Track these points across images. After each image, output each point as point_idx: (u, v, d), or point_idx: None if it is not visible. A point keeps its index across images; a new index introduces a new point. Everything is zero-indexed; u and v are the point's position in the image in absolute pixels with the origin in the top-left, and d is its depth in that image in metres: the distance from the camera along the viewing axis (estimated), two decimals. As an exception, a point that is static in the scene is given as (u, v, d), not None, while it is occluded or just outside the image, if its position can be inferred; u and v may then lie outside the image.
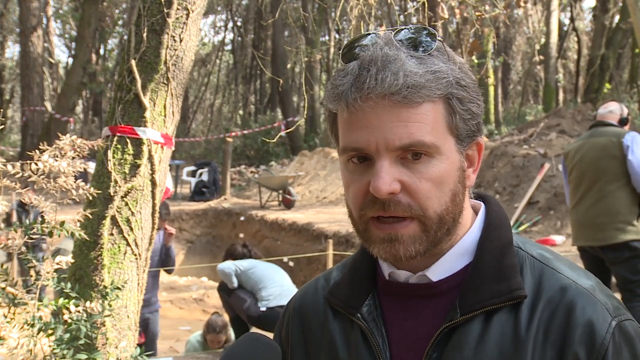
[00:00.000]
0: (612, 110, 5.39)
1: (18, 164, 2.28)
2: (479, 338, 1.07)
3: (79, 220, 2.72)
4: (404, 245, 1.07)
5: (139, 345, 2.99)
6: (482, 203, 1.21)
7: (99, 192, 2.94)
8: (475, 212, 1.19)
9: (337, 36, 29.18)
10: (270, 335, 1.30)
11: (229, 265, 6.70)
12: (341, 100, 1.06)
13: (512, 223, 11.02)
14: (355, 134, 1.06)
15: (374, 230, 1.09)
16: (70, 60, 29.54)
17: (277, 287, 6.61)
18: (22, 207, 9.35)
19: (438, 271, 1.13)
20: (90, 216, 2.98)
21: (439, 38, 1.08)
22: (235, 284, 6.70)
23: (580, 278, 1.10)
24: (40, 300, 2.41)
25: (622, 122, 5.33)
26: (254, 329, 6.81)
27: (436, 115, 1.05)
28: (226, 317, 6.92)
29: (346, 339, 1.18)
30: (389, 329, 1.15)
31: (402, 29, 1.09)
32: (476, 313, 1.07)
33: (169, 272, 6.66)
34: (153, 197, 3.22)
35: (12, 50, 39.77)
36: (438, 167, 1.06)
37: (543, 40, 26.68)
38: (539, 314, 1.06)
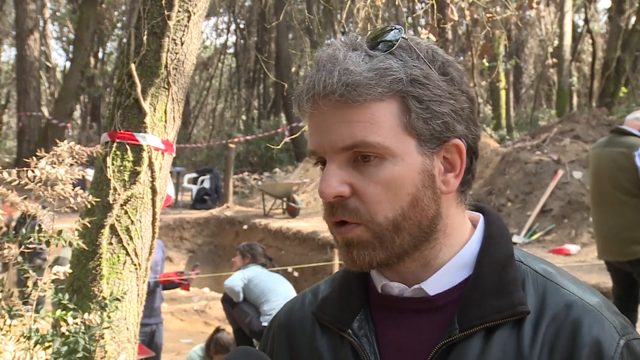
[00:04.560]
0: (638, 117, 5.29)
1: (14, 171, 2.28)
2: (479, 356, 1.04)
3: (77, 229, 2.73)
4: (357, 250, 1.07)
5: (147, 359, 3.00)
6: (480, 215, 1.18)
7: (98, 200, 2.95)
8: (474, 224, 1.17)
9: (343, 39, 29.20)
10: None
11: (237, 283, 6.72)
12: (296, 106, 1.09)
13: (524, 232, 11.00)
14: (310, 137, 1.08)
15: (336, 235, 1.09)
16: (68, 64, 29.63)
17: (281, 299, 6.61)
18: (22, 217, 9.36)
19: (435, 284, 1.11)
20: (89, 225, 2.98)
21: (404, 36, 1.06)
22: (241, 298, 6.73)
23: (586, 294, 1.08)
24: (37, 311, 2.42)
25: None
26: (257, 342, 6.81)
27: (386, 115, 1.03)
28: (228, 329, 6.92)
29: (335, 357, 1.16)
30: (382, 345, 1.13)
31: (379, 31, 1.09)
32: (476, 329, 1.05)
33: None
34: (153, 205, 3.23)
35: (8, 53, 39.92)
36: (390, 169, 1.04)
37: (556, 42, 26.64)
38: (543, 331, 1.04)
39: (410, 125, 1.04)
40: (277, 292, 6.69)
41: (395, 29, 1.07)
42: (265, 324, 6.50)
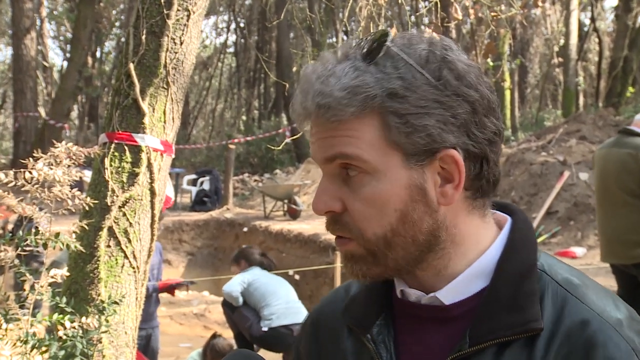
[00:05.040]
0: None
1: (11, 172, 2.28)
2: None
3: (74, 232, 2.73)
4: (352, 264, 1.09)
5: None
6: (508, 217, 1.15)
7: (96, 202, 2.95)
8: (501, 226, 1.13)
9: (345, 38, 29.23)
10: (274, 355, 1.31)
11: (235, 289, 6.71)
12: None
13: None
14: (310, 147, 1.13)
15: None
16: (65, 63, 29.60)
17: (282, 303, 6.60)
18: (19, 220, 9.37)
19: (450, 294, 1.08)
20: (87, 227, 2.99)
21: (389, 44, 1.04)
22: (240, 302, 6.72)
23: (607, 309, 1.02)
24: (34, 315, 2.42)
25: None
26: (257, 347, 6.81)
27: (367, 130, 1.03)
28: (228, 333, 6.91)
29: None
30: (400, 353, 1.12)
31: (369, 38, 1.06)
32: (487, 344, 1.02)
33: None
34: (152, 207, 3.23)
35: (4, 53, 40.02)
36: (373, 186, 1.03)
37: (562, 41, 26.63)
38: (555, 350, 1.00)
39: (391, 140, 1.02)
40: (277, 295, 6.68)
41: (386, 34, 1.05)
42: (265, 329, 6.49)
